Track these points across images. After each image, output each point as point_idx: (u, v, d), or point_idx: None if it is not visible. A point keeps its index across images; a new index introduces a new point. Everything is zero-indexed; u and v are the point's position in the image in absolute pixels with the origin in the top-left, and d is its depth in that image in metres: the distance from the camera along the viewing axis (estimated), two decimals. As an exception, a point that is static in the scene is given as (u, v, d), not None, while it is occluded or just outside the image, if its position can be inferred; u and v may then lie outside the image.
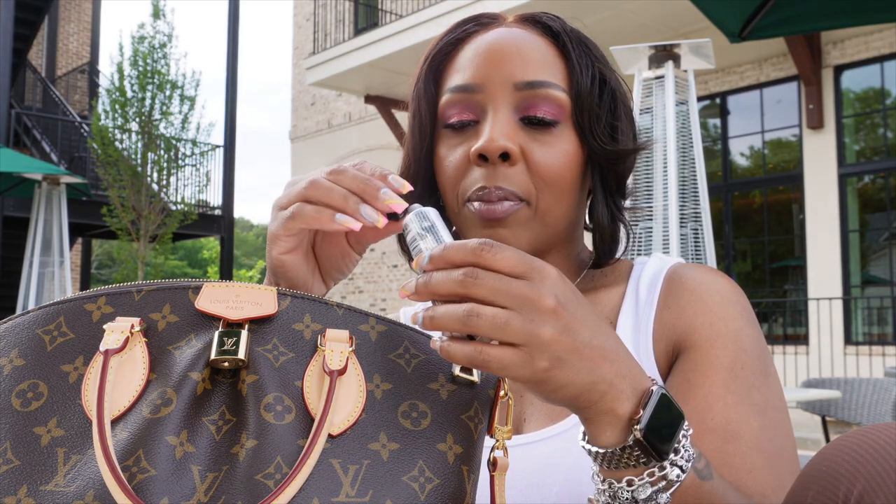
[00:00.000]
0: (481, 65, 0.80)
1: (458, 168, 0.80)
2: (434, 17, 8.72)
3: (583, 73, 0.81)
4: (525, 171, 0.78)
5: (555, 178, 0.79)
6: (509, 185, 0.77)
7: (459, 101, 0.81)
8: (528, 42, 0.81)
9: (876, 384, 4.74)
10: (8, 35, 10.41)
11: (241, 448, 0.54)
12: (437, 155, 0.83)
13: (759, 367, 0.75)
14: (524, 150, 0.78)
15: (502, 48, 0.80)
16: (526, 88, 0.79)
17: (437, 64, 0.85)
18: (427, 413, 0.58)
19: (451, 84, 0.82)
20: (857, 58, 7.94)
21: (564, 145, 0.80)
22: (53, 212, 7.97)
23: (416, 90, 0.85)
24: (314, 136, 13.65)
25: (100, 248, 26.60)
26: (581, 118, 0.81)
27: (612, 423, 0.57)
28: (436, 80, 0.85)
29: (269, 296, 0.60)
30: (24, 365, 0.57)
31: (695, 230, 4.15)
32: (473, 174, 0.79)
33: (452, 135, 0.82)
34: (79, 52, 16.24)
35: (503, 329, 0.53)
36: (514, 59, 0.80)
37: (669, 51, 4.15)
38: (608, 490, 0.59)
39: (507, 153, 0.77)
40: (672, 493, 0.57)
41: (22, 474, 0.53)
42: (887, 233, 8.06)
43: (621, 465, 0.57)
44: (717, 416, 0.71)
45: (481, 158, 0.78)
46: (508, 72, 0.79)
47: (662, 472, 0.57)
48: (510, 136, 0.78)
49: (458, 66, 0.83)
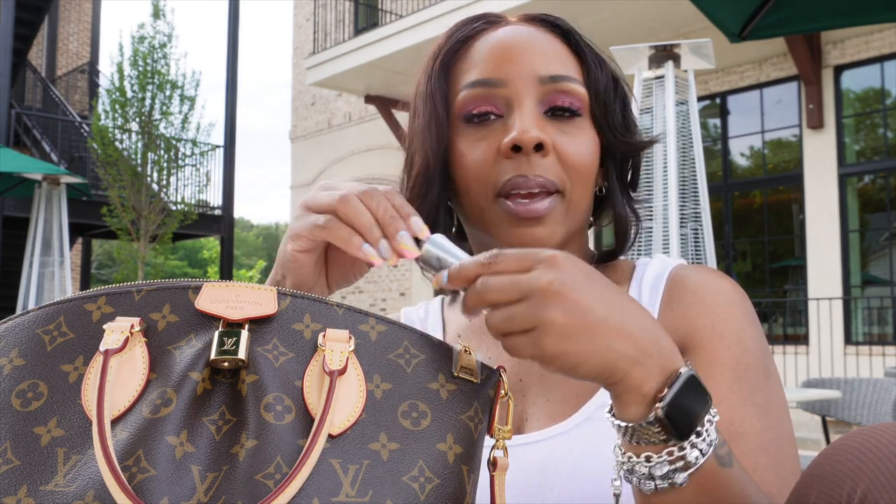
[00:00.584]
0: (502, 60, 0.81)
1: (485, 162, 0.79)
2: (434, 17, 8.72)
3: (598, 69, 0.83)
4: (556, 161, 0.79)
5: (583, 167, 0.80)
6: (546, 173, 0.78)
7: (480, 96, 0.80)
8: (543, 38, 0.82)
9: (876, 384, 4.74)
10: (8, 35, 10.41)
11: (241, 448, 0.54)
12: (456, 151, 0.81)
13: (762, 368, 0.75)
14: (553, 142, 0.79)
15: (521, 43, 0.81)
16: (550, 82, 0.80)
17: (448, 61, 0.84)
18: (427, 413, 0.58)
19: (468, 79, 0.82)
20: (857, 58, 7.94)
21: (587, 136, 0.81)
22: (53, 212, 7.97)
23: (429, 87, 0.84)
24: (314, 136, 13.65)
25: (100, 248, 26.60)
26: (599, 112, 0.82)
27: (637, 400, 0.57)
28: (447, 77, 0.84)
29: (269, 296, 0.60)
30: (23, 365, 0.57)
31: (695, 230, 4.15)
32: (503, 167, 0.78)
33: (473, 130, 0.81)
34: (79, 52, 16.24)
35: (511, 321, 0.57)
36: (535, 54, 0.81)
37: (669, 51, 4.15)
38: (626, 463, 0.59)
39: (541, 144, 0.77)
40: (690, 474, 0.57)
41: (22, 474, 0.53)
42: (887, 233, 8.06)
43: (642, 440, 0.58)
44: (721, 417, 0.71)
45: (514, 150, 0.77)
46: (531, 66, 0.80)
47: (682, 453, 0.57)
48: (541, 127, 0.78)
49: (472, 62, 0.82)
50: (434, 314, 0.96)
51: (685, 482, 0.57)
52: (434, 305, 0.97)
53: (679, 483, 0.57)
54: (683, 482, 0.57)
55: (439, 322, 0.94)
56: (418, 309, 0.98)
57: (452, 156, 0.82)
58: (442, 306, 0.97)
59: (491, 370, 0.62)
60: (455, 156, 0.82)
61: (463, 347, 0.61)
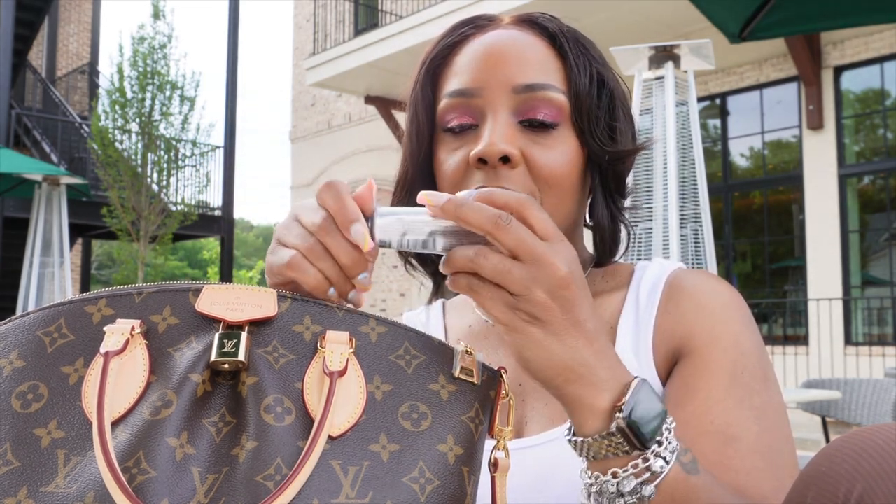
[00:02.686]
0: (478, 69, 0.80)
1: (457, 171, 0.80)
2: (434, 17, 8.72)
3: (581, 73, 0.81)
4: (526, 173, 0.78)
5: (556, 179, 0.79)
6: (511, 185, 0.77)
7: (458, 106, 0.81)
8: (525, 44, 0.81)
9: (876, 385, 4.74)
10: (8, 36, 10.41)
11: (241, 450, 0.54)
12: (437, 159, 0.83)
13: (759, 372, 0.75)
14: (525, 152, 0.78)
15: (499, 51, 0.80)
16: (524, 91, 0.79)
17: (435, 68, 0.85)
18: (427, 414, 0.58)
19: (449, 89, 0.82)
20: (857, 58, 7.94)
21: (564, 147, 0.80)
22: (53, 212, 7.97)
23: (414, 95, 0.85)
24: (314, 137, 13.65)
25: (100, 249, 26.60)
26: (580, 119, 0.80)
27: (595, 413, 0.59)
28: (433, 84, 0.85)
29: (270, 298, 0.60)
30: (24, 366, 0.57)
31: (695, 231, 4.15)
32: (473, 177, 0.79)
33: (452, 139, 0.82)
34: (79, 52, 16.24)
35: (504, 275, 0.56)
36: (512, 63, 0.79)
37: (669, 51, 4.15)
38: (594, 484, 0.60)
39: (507, 156, 0.77)
40: (657, 485, 0.58)
41: (22, 476, 0.53)
42: (887, 233, 8.06)
43: (606, 453, 0.59)
44: (717, 420, 0.71)
45: (481, 162, 0.77)
46: (506, 75, 0.79)
47: (646, 464, 0.58)
48: (510, 139, 0.77)
49: (455, 70, 0.82)
50: (435, 319, 0.96)
51: (653, 494, 0.58)
52: (435, 310, 0.98)
53: (647, 496, 0.58)
54: (651, 494, 0.58)
55: (441, 327, 0.95)
56: (419, 313, 0.98)
57: (435, 163, 0.83)
58: (443, 311, 0.97)
59: (492, 371, 0.62)
60: (436, 163, 0.83)
61: (464, 348, 0.61)
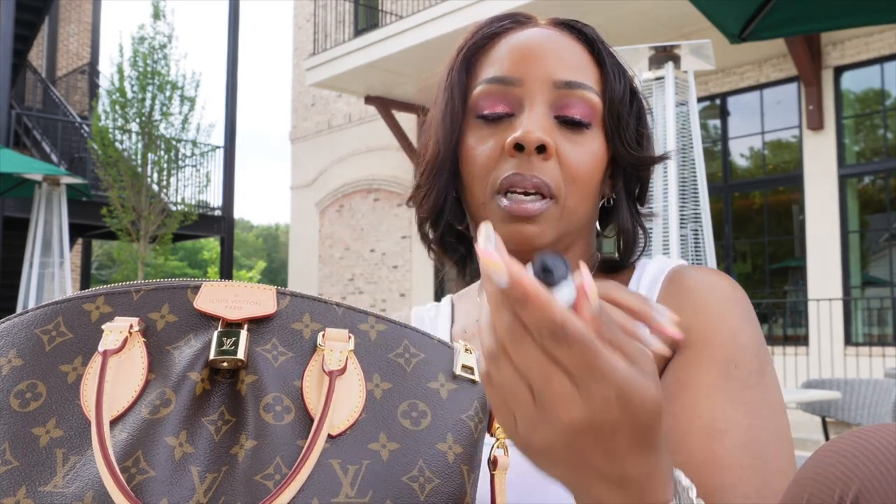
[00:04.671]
0: (521, 60, 0.82)
1: (490, 158, 0.81)
2: (434, 17, 8.71)
3: (616, 80, 0.83)
4: (557, 166, 0.79)
5: (582, 177, 0.80)
6: (543, 176, 0.78)
7: (495, 93, 0.82)
8: (565, 44, 0.83)
9: (876, 385, 4.73)
10: (8, 36, 10.41)
11: (241, 448, 0.54)
12: (466, 144, 0.83)
13: (755, 367, 0.74)
14: (557, 147, 0.80)
15: (541, 46, 0.82)
16: (564, 87, 0.81)
17: (471, 56, 0.86)
18: (427, 412, 0.58)
19: (487, 75, 0.83)
20: (857, 59, 7.94)
21: (593, 147, 0.82)
22: (53, 212, 7.97)
23: (450, 79, 0.85)
24: (314, 137, 13.65)
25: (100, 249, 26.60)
26: (612, 123, 0.83)
27: None
28: (468, 71, 0.86)
29: (269, 295, 0.60)
30: (22, 365, 0.57)
31: (695, 231, 4.15)
32: (506, 164, 0.80)
33: (484, 126, 0.83)
34: (79, 52, 16.24)
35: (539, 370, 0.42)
36: (554, 58, 0.81)
37: (669, 52, 4.15)
38: None
39: (543, 146, 0.78)
40: None
41: (21, 475, 0.53)
42: (887, 234, 8.06)
43: None
44: (705, 414, 0.70)
45: (517, 149, 0.78)
46: (548, 69, 0.81)
47: None
48: (547, 130, 0.79)
49: (493, 59, 0.84)
50: (444, 307, 0.98)
51: None
52: (445, 301, 0.99)
53: None
54: None
55: (448, 315, 0.96)
56: (429, 309, 0.99)
57: (462, 149, 0.84)
58: (452, 300, 0.98)
59: (491, 370, 0.62)
60: (465, 149, 0.83)
61: (464, 346, 0.61)
